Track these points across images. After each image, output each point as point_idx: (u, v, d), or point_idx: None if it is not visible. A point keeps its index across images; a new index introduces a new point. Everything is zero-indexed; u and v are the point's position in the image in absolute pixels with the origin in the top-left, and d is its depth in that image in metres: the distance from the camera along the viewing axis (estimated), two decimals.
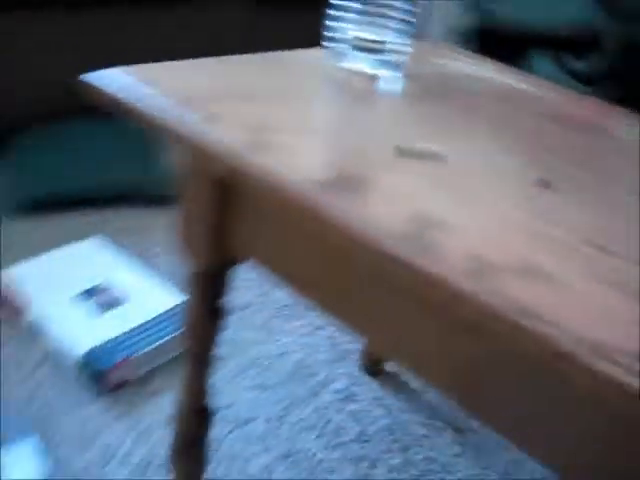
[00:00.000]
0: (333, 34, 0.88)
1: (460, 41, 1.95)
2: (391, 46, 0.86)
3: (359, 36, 0.86)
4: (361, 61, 0.87)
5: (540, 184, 0.63)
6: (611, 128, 0.86)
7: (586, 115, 0.90)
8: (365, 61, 0.87)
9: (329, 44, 0.89)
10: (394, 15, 0.85)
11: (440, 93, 0.87)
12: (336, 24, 0.87)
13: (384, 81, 0.86)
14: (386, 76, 0.87)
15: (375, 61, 0.86)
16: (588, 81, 1.86)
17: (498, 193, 0.60)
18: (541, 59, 1.96)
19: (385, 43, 0.86)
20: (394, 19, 0.86)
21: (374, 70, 0.86)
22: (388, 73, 0.87)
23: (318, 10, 1.83)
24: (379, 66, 0.86)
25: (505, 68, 1.01)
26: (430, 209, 0.54)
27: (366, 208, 0.52)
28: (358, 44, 0.87)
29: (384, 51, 0.87)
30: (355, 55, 0.87)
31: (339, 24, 0.87)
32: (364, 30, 0.86)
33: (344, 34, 0.87)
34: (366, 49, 0.87)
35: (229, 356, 1.34)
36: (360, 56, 0.87)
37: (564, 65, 1.94)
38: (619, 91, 1.75)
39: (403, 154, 0.65)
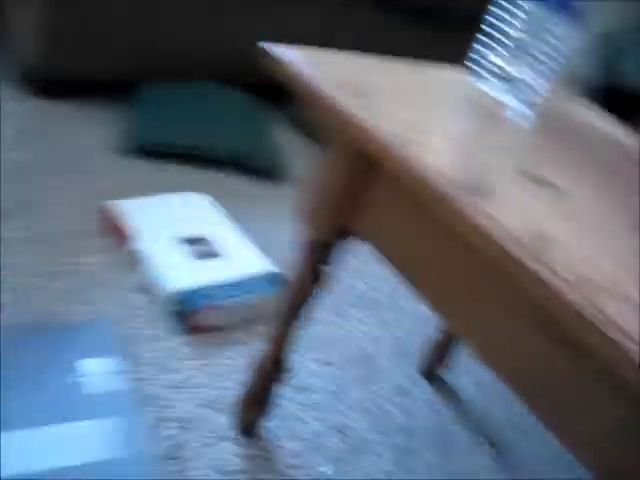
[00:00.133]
0: (479, 58, 0.96)
1: (587, 93, 2.00)
2: (529, 83, 0.95)
3: (503, 67, 0.95)
4: (499, 89, 0.95)
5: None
6: None
7: None
8: (503, 90, 0.95)
9: (473, 65, 0.97)
10: (539, 57, 0.94)
11: (562, 133, 0.95)
12: (484, 50, 0.96)
13: (516, 111, 0.94)
14: (519, 108, 0.95)
15: (512, 93, 0.95)
16: None
17: (608, 226, 0.68)
18: None
19: (525, 80, 0.95)
20: (539, 60, 0.94)
21: (509, 100, 0.95)
22: (521, 106, 0.95)
23: (464, 31, 1.92)
24: (515, 98, 0.95)
25: (626, 125, 1.09)
26: (547, 226, 0.62)
27: (492, 211, 0.61)
28: (500, 73, 0.95)
29: (522, 86, 0.95)
30: (495, 82, 0.95)
31: (487, 50, 0.96)
32: (508, 62, 0.95)
33: (489, 61, 0.95)
34: (506, 80, 0.95)
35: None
36: (499, 85, 0.95)
37: None
38: None
39: (524, 175, 0.74)
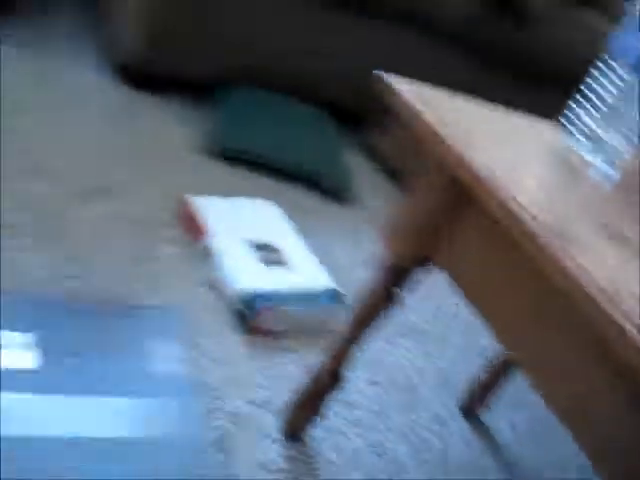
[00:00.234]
0: (572, 116, 1.01)
1: None
2: (617, 147, 0.99)
3: (593, 128, 0.99)
4: (587, 148, 1.00)
5: None
6: None
7: None
8: (590, 150, 1.00)
9: (566, 122, 1.02)
10: (629, 123, 0.98)
11: None
12: (578, 109, 1.01)
13: (600, 171, 0.99)
14: (603, 168, 0.99)
15: (599, 154, 0.99)
16: None
17: None
18: None
19: (612, 143, 0.99)
20: (628, 127, 0.98)
21: (595, 160, 0.99)
22: (606, 167, 0.99)
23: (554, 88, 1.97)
24: (601, 159, 0.99)
25: None
26: (624, 278, 0.67)
27: (577, 258, 0.66)
28: (589, 134, 1.00)
29: (609, 148, 1.00)
30: (584, 142, 1.00)
31: (581, 110, 1.00)
32: (599, 125, 0.99)
33: (581, 121, 1.00)
34: (595, 140, 1.00)
35: None
36: (587, 144, 1.00)
37: None
38: None
39: (604, 229, 0.78)
